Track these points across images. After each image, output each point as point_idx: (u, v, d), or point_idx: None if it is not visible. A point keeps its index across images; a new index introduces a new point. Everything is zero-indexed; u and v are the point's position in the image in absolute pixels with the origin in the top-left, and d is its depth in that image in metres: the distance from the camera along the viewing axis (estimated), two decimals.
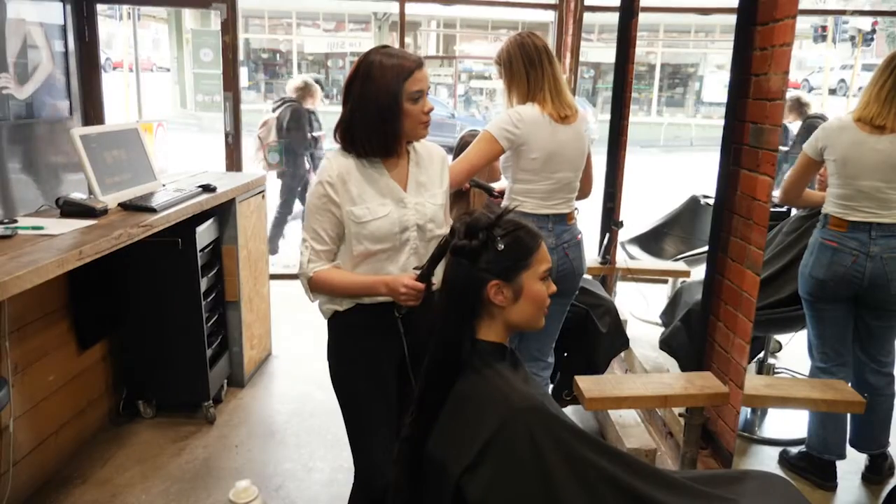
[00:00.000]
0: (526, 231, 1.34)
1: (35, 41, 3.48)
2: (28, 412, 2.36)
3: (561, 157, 2.26)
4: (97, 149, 2.55)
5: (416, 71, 1.61)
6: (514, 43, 2.28)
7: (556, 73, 2.27)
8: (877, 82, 2.34)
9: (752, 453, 2.84)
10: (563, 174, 2.29)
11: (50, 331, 2.48)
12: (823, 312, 2.50)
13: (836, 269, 2.39)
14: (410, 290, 1.59)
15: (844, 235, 2.38)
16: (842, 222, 2.39)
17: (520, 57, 2.26)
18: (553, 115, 2.23)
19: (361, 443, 1.79)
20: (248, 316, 3.29)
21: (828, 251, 2.41)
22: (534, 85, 2.26)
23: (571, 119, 2.27)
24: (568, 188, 2.32)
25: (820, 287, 2.44)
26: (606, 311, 2.75)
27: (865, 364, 2.54)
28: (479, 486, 1.19)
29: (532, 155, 2.23)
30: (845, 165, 2.34)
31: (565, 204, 2.33)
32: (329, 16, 20.47)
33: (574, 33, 4.25)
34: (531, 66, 2.25)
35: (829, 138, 2.39)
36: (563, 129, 2.25)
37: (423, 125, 1.67)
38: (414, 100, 1.62)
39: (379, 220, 1.65)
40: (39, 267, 1.81)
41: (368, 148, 1.65)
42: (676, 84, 21.19)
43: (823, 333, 2.53)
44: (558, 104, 2.25)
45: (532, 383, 1.38)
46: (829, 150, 2.38)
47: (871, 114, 2.31)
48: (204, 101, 16.91)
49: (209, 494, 2.46)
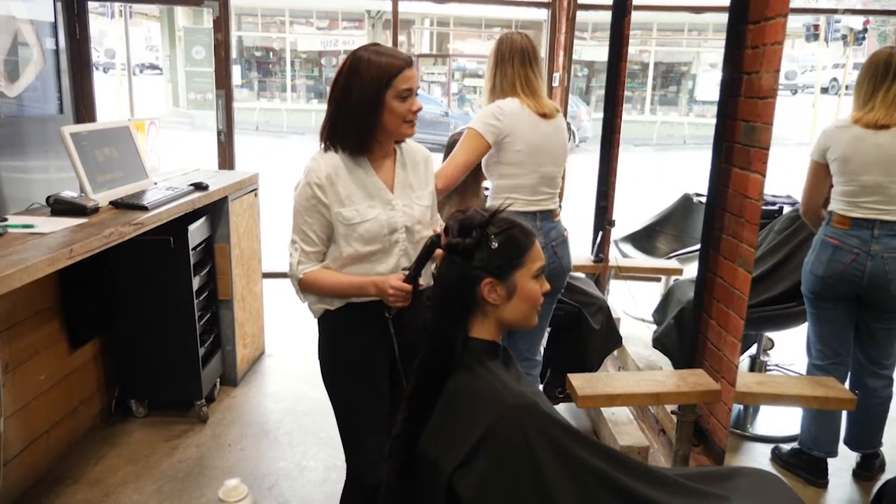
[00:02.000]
0: (520, 229, 1.33)
1: (25, 38, 3.45)
2: (19, 412, 2.35)
3: (544, 150, 2.28)
4: (88, 147, 2.53)
5: (406, 69, 1.61)
6: (495, 41, 2.32)
7: (528, 74, 2.27)
8: (879, 86, 2.32)
9: (745, 450, 2.85)
10: (548, 168, 2.30)
11: (41, 330, 2.47)
12: (823, 311, 2.50)
13: (835, 266, 2.39)
14: (398, 291, 1.60)
15: (846, 233, 2.38)
16: (844, 219, 2.39)
17: (494, 55, 2.30)
18: (532, 108, 2.25)
19: (353, 440, 1.80)
20: (241, 314, 3.28)
21: (828, 248, 2.41)
22: (499, 82, 2.28)
23: (550, 116, 2.28)
24: (552, 183, 2.34)
25: (820, 284, 2.44)
26: (599, 310, 2.76)
27: (865, 366, 2.54)
28: (471, 484, 1.19)
29: (517, 147, 2.24)
30: (847, 162, 2.34)
31: (550, 200, 2.34)
32: (322, 13, 20.42)
33: (567, 32, 4.25)
34: (500, 63, 2.28)
35: (829, 139, 2.39)
36: (544, 123, 2.27)
37: (408, 124, 1.66)
38: (402, 98, 1.61)
39: (368, 222, 1.65)
40: (30, 265, 1.80)
41: (349, 143, 1.64)
42: (670, 83, 21.22)
43: (822, 332, 2.53)
44: (535, 102, 2.26)
45: (524, 381, 1.38)
46: (830, 149, 2.38)
47: (875, 118, 2.30)
48: (196, 100, 16.86)
49: (202, 494, 2.45)
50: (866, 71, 2.37)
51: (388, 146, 1.71)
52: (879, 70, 2.33)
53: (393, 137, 1.69)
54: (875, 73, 2.34)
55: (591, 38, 17.74)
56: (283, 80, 20.84)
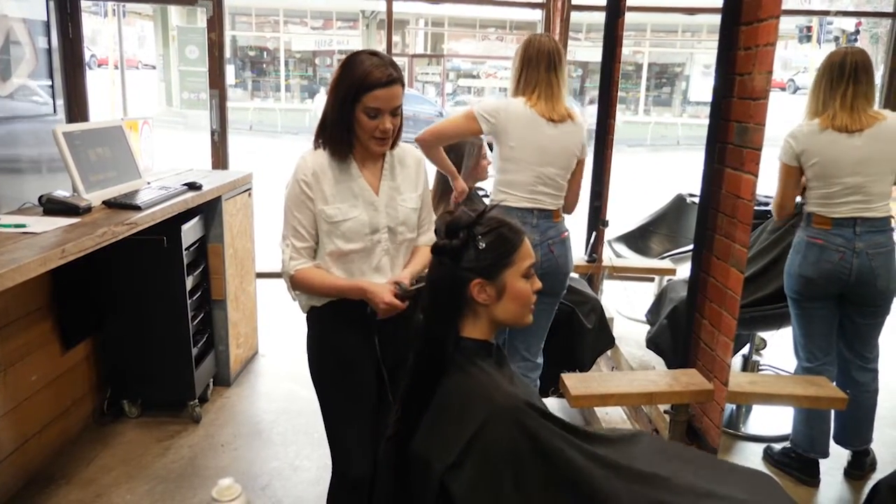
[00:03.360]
0: (508, 228, 1.33)
1: (18, 37, 3.43)
2: (10, 412, 2.34)
3: (546, 151, 2.29)
4: (81, 146, 2.52)
5: (379, 88, 1.57)
6: (524, 40, 2.36)
7: (551, 79, 2.30)
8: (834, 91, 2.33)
9: (737, 449, 2.87)
10: (549, 169, 2.31)
11: (33, 330, 2.46)
12: (811, 311, 2.51)
13: (823, 266, 2.40)
14: (390, 306, 1.62)
15: (829, 233, 2.39)
16: (825, 220, 2.40)
17: (521, 54, 2.34)
18: (540, 112, 2.28)
19: (337, 434, 1.81)
20: (235, 314, 3.27)
21: (815, 249, 2.42)
22: (524, 83, 2.33)
23: (560, 121, 2.30)
24: (554, 185, 2.34)
25: (808, 285, 2.46)
26: (592, 309, 2.77)
27: (851, 361, 2.56)
28: (462, 484, 1.19)
29: (510, 143, 2.29)
30: (826, 166, 2.35)
31: (551, 200, 2.35)
32: (317, 13, 20.40)
33: (561, 32, 4.25)
34: (527, 64, 2.32)
35: (803, 144, 2.37)
36: (549, 126, 2.29)
37: (377, 140, 1.64)
38: (369, 115, 1.60)
39: (349, 220, 1.67)
40: (21, 265, 1.79)
41: (333, 146, 1.66)
42: (663, 83, 21.29)
43: (812, 332, 2.54)
44: (548, 107, 2.29)
45: (518, 382, 1.38)
46: (806, 154, 2.37)
47: (842, 123, 2.31)
48: (190, 99, 16.81)
49: (195, 494, 2.45)
50: (823, 73, 2.38)
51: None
52: (835, 73, 2.34)
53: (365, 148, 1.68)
54: (831, 76, 2.35)
55: (586, 38, 17.77)
56: (277, 79, 20.81)
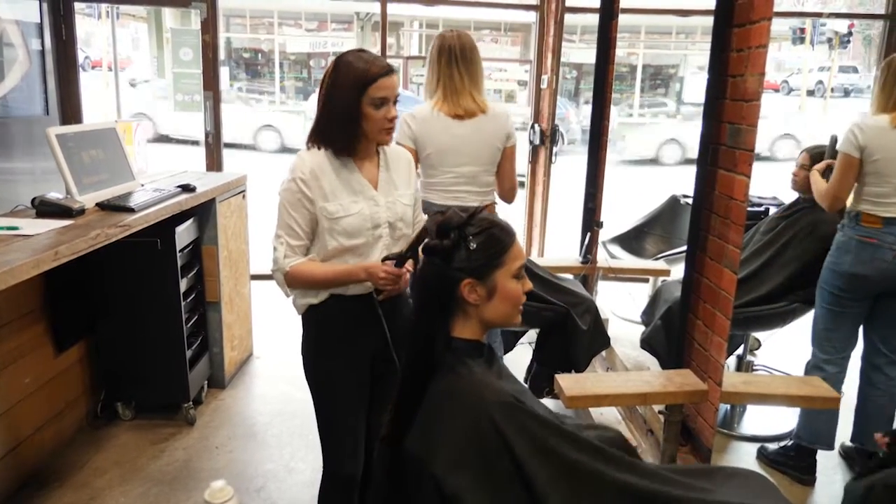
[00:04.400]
0: (499, 228, 1.34)
1: (11, 39, 3.42)
2: (3, 415, 2.33)
3: (459, 152, 2.33)
4: (74, 148, 2.52)
5: (382, 78, 1.63)
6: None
7: (453, 73, 2.32)
8: None
9: (731, 450, 2.87)
10: (466, 168, 2.35)
11: (26, 332, 2.45)
12: (848, 307, 2.53)
13: (878, 264, 2.42)
14: (389, 274, 1.64)
15: (881, 231, 2.41)
16: (876, 219, 2.42)
17: (428, 56, 2.37)
18: (446, 112, 2.31)
19: (330, 432, 1.82)
20: (229, 316, 3.27)
21: (868, 248, 2.43)
22: (431, 84, 2.37)
23: (468, 116, 2.33)
24: (475, 181, 2.39)
25: (860, 283, 2.46)
26: (587, 310, 2.77)
27: (886, 356, 2.56)
28: (455, 484, 1.19)
29: (426, 151, 2.33)
30: (889, 164, 2.37)
31: (475, 197, 2.38)
32: (311, 15, 20.37)
33: (556, 34, 4.26)
34: (431, 64, 2.36)
35: (870, 139, 2.38)
36: (457, 125, 2.32)
37: (385, 131, 1.69)
38: (376, 105, 1.64)
39: (351, 216, 1.69)
40: (14, 268, 1.78)
41: (335, 146, 1.68)
42: (658, 85, 21.33)
43: (839, 326, 2.56)
44: (452, 103, 2.32)
45: (507, 377, 1.39)
46: (870, 150, 2.38)
47: None
48: (184, 101, 16.78)
49: (189, 496, 2.44)
50: (888, 71, 2.40)
51: (372, 148, 1.75)
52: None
53: (372, 143, 1.73)
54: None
55: (580, 40, 17.80)
56: (272, 81, 20.77)
